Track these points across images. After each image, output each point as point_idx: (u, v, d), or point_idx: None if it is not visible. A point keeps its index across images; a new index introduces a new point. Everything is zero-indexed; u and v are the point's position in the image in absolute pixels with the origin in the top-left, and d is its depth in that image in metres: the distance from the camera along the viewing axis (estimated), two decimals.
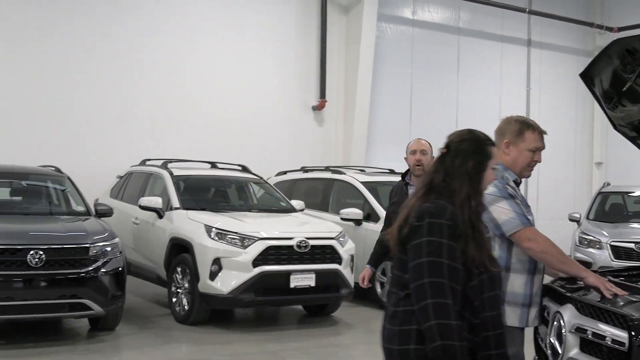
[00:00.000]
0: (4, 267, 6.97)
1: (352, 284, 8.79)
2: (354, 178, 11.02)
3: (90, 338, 7.76)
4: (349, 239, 9.07)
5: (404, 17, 16.45)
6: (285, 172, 12.53)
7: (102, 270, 7.40)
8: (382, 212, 10.19)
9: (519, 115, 4.29)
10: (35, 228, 7.70)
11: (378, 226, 10.03)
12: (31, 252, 7.04)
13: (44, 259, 7.07)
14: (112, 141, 12.84)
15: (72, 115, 12.57)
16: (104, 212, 8.62)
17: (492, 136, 3.99)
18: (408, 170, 5.49)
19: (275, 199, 10.24)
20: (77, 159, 11.80)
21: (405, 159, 5.50)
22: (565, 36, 18.88)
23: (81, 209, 8.71)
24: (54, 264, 7.15)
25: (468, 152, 3.02)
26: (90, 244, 7.45)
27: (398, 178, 11.93)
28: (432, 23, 16.85)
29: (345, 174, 11.33)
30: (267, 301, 8.49)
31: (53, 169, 9.48)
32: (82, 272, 7.27)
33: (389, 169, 12.28)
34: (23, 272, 7.02)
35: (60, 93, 12.49)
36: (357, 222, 10.23)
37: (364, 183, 10.82)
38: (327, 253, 8.61)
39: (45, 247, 7.14)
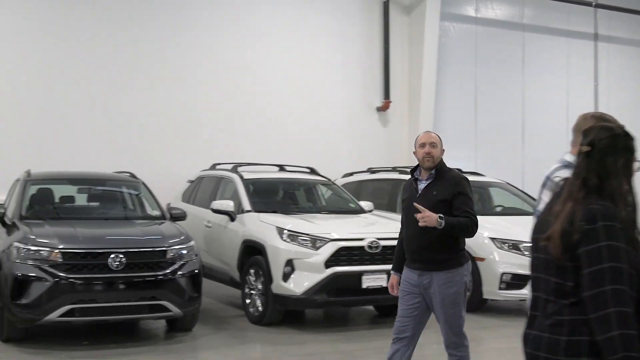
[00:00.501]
0: (86, 271, 7.23)
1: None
2: None
3: (168, 339, 7.97)
4: None
5: (466, 15, 16.36)
6: (351, 174, 12.60)
7: (179, 272, 7.58)
8: None
9: (596, 111, 4.26)
10: (114, 232, 7.95)
11: None
12: (112, 256, 7.27)
13: (124, 262, 7.29)
14: (182, 146, 13.14)
15: (145, 123, 12.93)
16: (178, 216, 8.84)
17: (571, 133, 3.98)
18: (417, 165, 5.26)
19: (344, 200, 10.31)
20: (150, 165, 12.10)
21: (414, 152, 5.27)
22: (633, 29, 18.45)
23: (156, 213, 8.95)
24: (133, 267, 7.37)
25: (617, 148, 2.83)
26: (167, 247, 7.65)
27: (473, 178, 11.89)
28: (495, 20, 16.70)
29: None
30: (340, 302, 8.55)
31: (128, 174, 9.78)
32: (160, 275, 7.47)
33: (456, 169, 12.20)
34: (104, 275, 7.26)
35: (134, 102, 12.89)
36: None
37: None
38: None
39: (125, 250, 7.37)
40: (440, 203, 5.02)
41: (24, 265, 7.15)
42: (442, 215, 4.89)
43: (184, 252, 7.75)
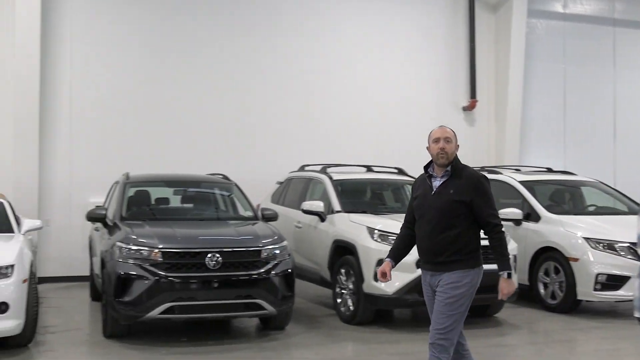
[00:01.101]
0: (185, 270, 7.46)
1: (515, 284, 8.68)
2: (511, 177, 10.88)
3: (262, 337, 8.14)
4: (511, 239, 8.98)
5: (554, 11, 16.05)
6: None
7: (273, 271, 7.74)
8: (542, 212, 10.05)
9: None
10: (210, 232, 8.19)
11: (540, 226, 9.92)
12: (209, 255, 7.49)
13: (221, 261, 7.50)
14: (271, 149, 13.40)
15: (235, 127, 13.25)
16: (269, 217, 9.02)
17: None
18: (431, 161, 5.07)
19: None
20: (240, 167, 12.40)
21: (428, 148, 5.08)
22: None
23: (249, 213, 9.16)
24: (229, 266, 7.56)
25: None
26: (262, 246, 7.82)
27: (564, 177, 11.66)
28: (584, 16, 16.31)
29: (501, 173, 11.22)
30: None
31: (221, 176, 10.04)
32: (255, 274, 7.64)
33: (546, 168, 12.07)
34: (202, 274, 7.48)
35: (228, 106, 13.26)
36: (517, 222, 10.10)
37: (522, 182, 10.67)
38: (489, 253, 8.54)
39: (221, 250, 7.57)
40: (457, 204, 4.85)
41: (126, 264, 7.44)
42: (508, 272, 4.92)
43: (277, 251, 7.91)
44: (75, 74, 12.37)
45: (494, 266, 8.47)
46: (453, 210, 4.82)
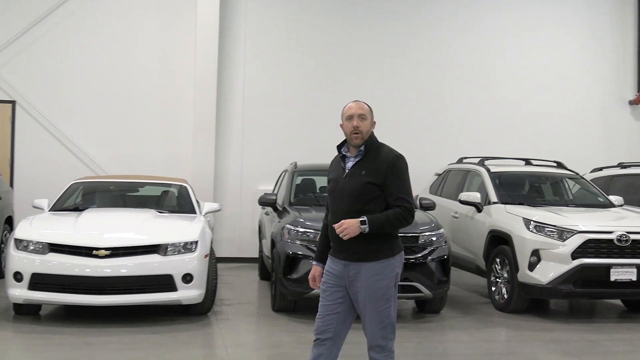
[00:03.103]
0: None
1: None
2: None
3: (418, 319, 8.57)
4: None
5: None
6: (600, 169, 12.38)
7: (430, 257, 8.16)
8: None
9: None
10: None
11: None
12: None
13: None
14: (430, 141, 13.79)
15: (395, 119, 13.73)
16: (428, 206, 9.43)
17: None
18: (344, 141, 4.52)
19: (592, 195, 10.27)
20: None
21: (341, 125, 4.53)
22: None
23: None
24: None
25: None
26: (419, 233, 8.25)
27: None
28: None
29: None
30: (586, 293, 8.58)
31: None
32: (412, 259, 8.06)
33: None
34: None
35: (386, 100, 13.70)
36: None
37: None
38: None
39: None
40: (370, 186, 4.30)
41: (294, 244, 8.12)
42: (364, 219, 4.21)
43: (434, 238, 8.30)
44: (247, 71, 13.37)
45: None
46: (366, 194, 4.28)
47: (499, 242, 9.20)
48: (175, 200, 9.89)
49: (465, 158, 11.58)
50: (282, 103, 13.48)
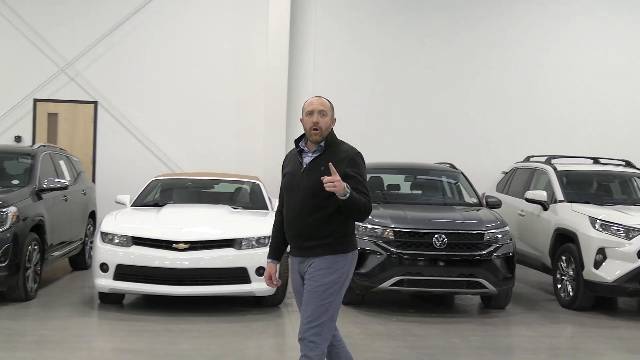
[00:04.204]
0: (414, 248, 8.32)
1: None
2: None
3: (483, 314, 8.77)
4: None
5: None
6: None
7: (495, 254, 8.36)
8: None
9: None
10: (438, 216, 8.94)
11: None
12: (436, 236, 8.27)
13: (446, 242, 8.25)
14: (497, 140, 13.92)
15: (463, 118, 14.01)
16: (493, 204, 9.61)
17: None
18: (303, 134, 4.49)
19: None
20: (468, 157, 13.12)
21: (301, 120, 4.48)
22: None
23: (474, 200, 9.81)
24: (454, 247, 8.30)
25: None
26: (484, 230, 8.47)
27: None
28: None
29: None
30: None
31: (449, 165, 10.79)
32: (477, 255, 8.30)
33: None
34: (429, 252, 8.30)
35: (454, 99, 14.03)
36: None
37: None
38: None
39: (447, 232, 8.33)
40: None
41: (362, 240, 8.42)
42: (348, 194, 4.12)
43: (499, 236, 8.50)
44: (317, 68, 13.73)
45: None
46: (323, 190, 4.14)
47: (564, 240, 9.31)
48: (248, 197, 10.31)
49: (533, 156, 11.67)
50: (348, 107, 13.75)
